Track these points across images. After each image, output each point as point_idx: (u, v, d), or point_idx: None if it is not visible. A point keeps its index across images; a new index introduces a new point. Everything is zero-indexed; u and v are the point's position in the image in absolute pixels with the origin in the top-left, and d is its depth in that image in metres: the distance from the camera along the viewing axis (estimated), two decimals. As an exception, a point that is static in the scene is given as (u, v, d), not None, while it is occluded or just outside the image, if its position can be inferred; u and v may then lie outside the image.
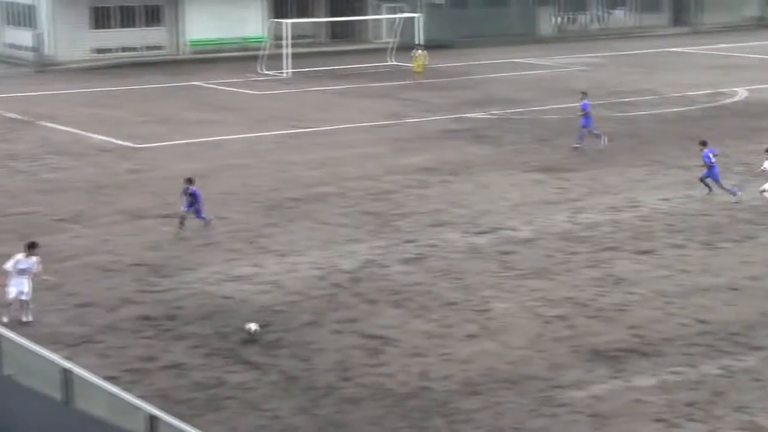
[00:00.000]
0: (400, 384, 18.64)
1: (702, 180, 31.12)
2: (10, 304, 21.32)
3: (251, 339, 20.41)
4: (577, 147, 37.72)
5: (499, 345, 20.39)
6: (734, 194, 30.48)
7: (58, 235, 27.28)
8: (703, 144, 31.36)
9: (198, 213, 27.79)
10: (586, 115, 38.15)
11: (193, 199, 27.67)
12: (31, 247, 21.85)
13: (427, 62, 55.78)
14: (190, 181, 27.92)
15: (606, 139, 38.05)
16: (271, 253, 25.92)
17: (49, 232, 27.66)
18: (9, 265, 21.46)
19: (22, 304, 21.38)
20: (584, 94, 38.96)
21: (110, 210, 29.84)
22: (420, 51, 56.22)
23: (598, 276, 24.37)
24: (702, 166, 31.10)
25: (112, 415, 13.13)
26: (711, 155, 30.89)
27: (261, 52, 58.64)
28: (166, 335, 20.77)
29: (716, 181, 30.87)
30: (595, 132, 38.15)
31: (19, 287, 21.30)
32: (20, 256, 21.64)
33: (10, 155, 36.79)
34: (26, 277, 21.42)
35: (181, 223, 27.51)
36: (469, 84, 54.42)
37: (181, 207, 27.77)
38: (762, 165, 30.50)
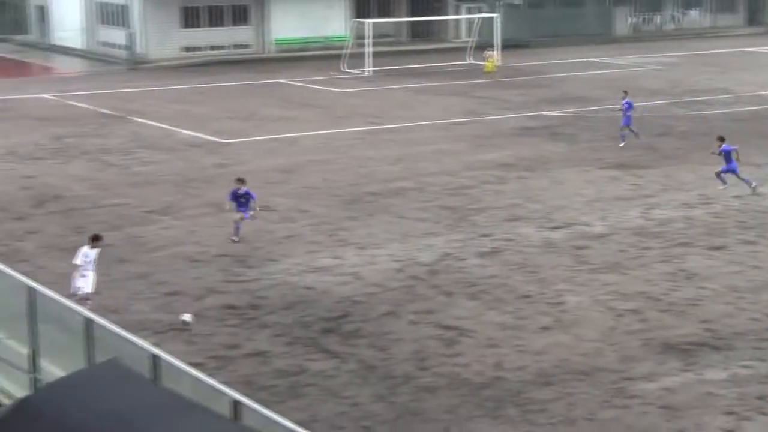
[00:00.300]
0: (475, 374, 18.59)
1: (735, 174, 30.72)
2: (88, 299, 20.55)
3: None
4: (638, 135, 37.46)
5: (572, 337, 20.24)
6: (724, 183, 30.75)
7: (148, 226, 27.64)
8: (722, 140, 30.95)
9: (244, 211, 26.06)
10: (627, 114, 37.74)
11: (248, 199, 26.13)
12: (95, 240, 21.23)
13: (498, 62, 55.63)
14: (241, 181, 26.36)
15: (624, 142, 37.58)
16: (351, 246, 26.00)
17: (140, 223, 28.05)
18: (78, 260, 20.92)
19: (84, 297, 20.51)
20: (626, 93, 38.68)
21: (197, 202, 30.15)
22: (491, 51, 56.13)
23: (670, 271, 24.07)
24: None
25: (198, 399, 13.25)
26: (730, 151, 30.52)
27: (343, 51, 58.86)
28: (249, 324, 20.94)
29: (726, 172, 30.65)
30: (624, 132, 37.63)
31: (82, 281, 20.79)
32: (86, 248, 21.04)
33: (102, 149, 37.35)
34: (91, 270, 20.86)
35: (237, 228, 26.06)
36: (545, 82, 54.07)
37: (231, 207, 26.13)
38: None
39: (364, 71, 56.75)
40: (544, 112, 44.96)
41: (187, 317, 20.74)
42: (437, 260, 24.90)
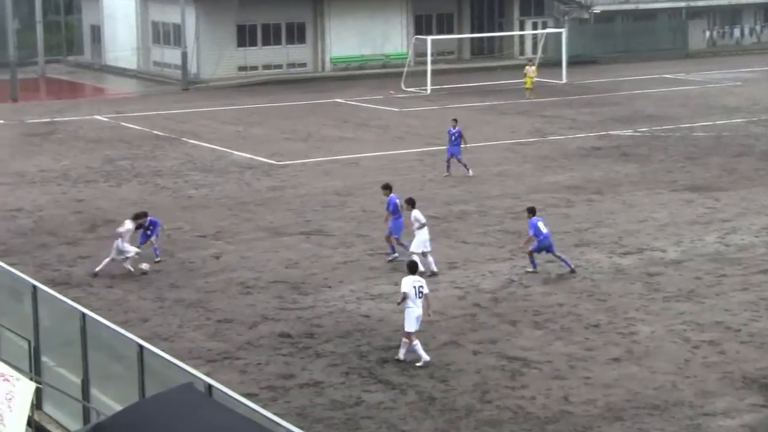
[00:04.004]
0: (541, 407, 18.45)
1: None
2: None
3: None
4: (467, 169, 36.33)
5: (645, 369, 20.01)
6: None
7: (200, 252, 27.82)
8: (532, 212, 26.02)
9: (154, 247, 26.73)
10: (456, 145, 36.31)
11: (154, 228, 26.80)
12: (137, 218, 26.56)
13: (535, 78, 55.15)
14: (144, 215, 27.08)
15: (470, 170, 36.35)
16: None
17: (192, 247, 28.25)
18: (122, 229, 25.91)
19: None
20: (455, 121, 37.07)
21: (251, 227, 30.33)
22: (530, 67, 55.70)
23: (750, 300, 23.74)
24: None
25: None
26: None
27: (403, 69, 59.03)
28: (304, 353, 20.97)
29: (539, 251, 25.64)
30: (463, 161, 36.30)
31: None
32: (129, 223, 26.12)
33: (155, 172, 37.74)
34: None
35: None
36: (615, 100, 53.80)
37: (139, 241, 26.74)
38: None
39: (424, 90, 56.85)
40: (613, 132, 44.69)
41: (144, 266, 25.78)
42: (501, 287, 24.79)
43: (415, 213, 26.04)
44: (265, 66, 64.00)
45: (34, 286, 18.12)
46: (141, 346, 15.49)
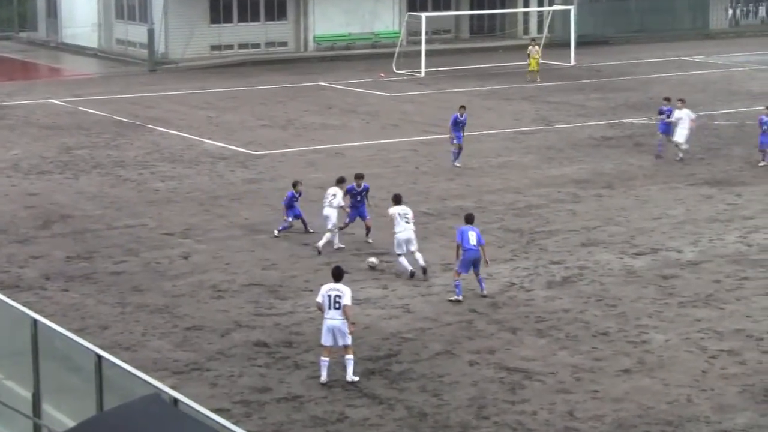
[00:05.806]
0: (543, 424, 18.53)
1: None
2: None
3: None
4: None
5: (658, 382, 20.12)
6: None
7: (167, 251, 27.85)
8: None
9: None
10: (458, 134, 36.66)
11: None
12: (339, 182, 28.39)
13: (539, 59, 55.25)
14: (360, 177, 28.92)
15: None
16: (400, 274, 26.02)
17: (158, 247, 28.27)
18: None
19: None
20: (463, 108, 37.23)
21: (224, 224, 30.35)
22: (533, 47, 55.71)
23: (774, 305, 23.89)
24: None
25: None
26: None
27: (395, 50, 59.07)
28: (282, 364, 21.02)
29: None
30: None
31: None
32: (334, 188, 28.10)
33: (117, 162, 37.73)
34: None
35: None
36: (628, 85, 53.95)
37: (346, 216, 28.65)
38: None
39: (418, 73, 56.92)
40: (626, 120, 44.82)
41: (373, 260, 26.40)
42: (500, 291, 24.87)
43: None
44: (241, 45, 63.98)
45: (-20, 289, 18.10)
46: (99, 357, 15.48)
